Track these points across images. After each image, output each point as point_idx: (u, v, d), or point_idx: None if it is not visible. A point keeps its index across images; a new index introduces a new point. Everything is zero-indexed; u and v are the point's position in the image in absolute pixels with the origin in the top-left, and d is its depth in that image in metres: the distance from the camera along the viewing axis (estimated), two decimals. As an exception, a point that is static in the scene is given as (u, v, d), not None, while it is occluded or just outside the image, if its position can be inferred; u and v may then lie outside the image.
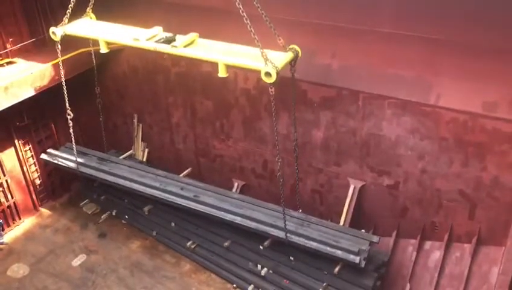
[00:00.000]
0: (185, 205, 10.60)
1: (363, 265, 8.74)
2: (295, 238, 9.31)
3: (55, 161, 12.24)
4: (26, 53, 11.49)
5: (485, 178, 8.84)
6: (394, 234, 10.19)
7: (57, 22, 10.71)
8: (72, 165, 11.91)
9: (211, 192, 10.77)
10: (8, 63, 11.20)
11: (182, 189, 10.88)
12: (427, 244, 9.93)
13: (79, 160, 11.76)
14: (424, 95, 8.90)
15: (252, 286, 10.25)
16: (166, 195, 10.86)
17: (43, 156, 12.41)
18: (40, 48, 11.67)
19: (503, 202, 8.80)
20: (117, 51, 10.03)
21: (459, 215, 9.42)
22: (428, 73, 8.86)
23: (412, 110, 9.09)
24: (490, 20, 8.08)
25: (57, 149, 12.54)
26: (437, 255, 9.73)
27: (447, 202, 9.43)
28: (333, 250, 8.96)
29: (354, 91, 9.52)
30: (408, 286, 9.64)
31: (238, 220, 9.96)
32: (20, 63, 11.18)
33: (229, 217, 10.07)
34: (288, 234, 9.31)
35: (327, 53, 9.57)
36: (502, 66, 8.14)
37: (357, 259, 8.70)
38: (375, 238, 9.26)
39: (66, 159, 12.12)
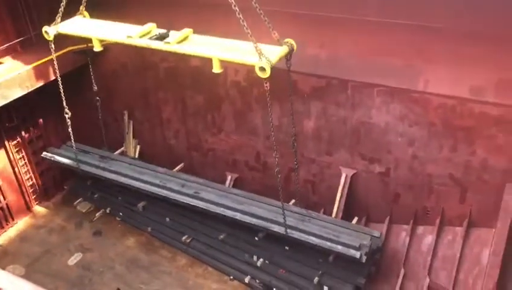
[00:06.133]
0: (186, 202, 10.66)
1: (364, 260, 8.83)
2: (296, 234, 9.38)
3: (56, 159, 12.22)
4: (13, 53, 11.40)
5: (475, 162, 8.99)
6: (387, 220, 10.33)
7: (42, 21, 10.67)
8: (73, 163, 11.90)
9: (210, 188, 10.84)
10: (-4, 63, 11.14)
11: (183, 186, 10.94)
12: (420, 229, 10.09)
13: (80, 158, 11.75)
14: (412, 81, 9.00)
15: (249, 277, 10.35)
16: (168, 192, 10.93)
17: (44, 154, 12.39)
18: (27, 47, 11.59)
19: (492, 185, 8.96)
20: (106, 49, 10.01)
21: (450, 199, 9.57)
22: (416, 60, 8.95)
23: (400, 97, 9.19)
24: (475, 6, 8.18)
25: (47, 149, 12.54)
26: (429, 239, 9.89)
27: (438, 187, 9.58)
28: (333, 245, 9.04)
29: (343, 80, 9.60)
30: (402, 270, 9.80)
31: (238, 216, 10.04)
32: (8, 63, 11.09)
33: (229, 213, 10.14)
34: (288, 230, 9.38)
35: (315, 43, 9.62)
36: (487, 51, 8.25)
37: (357, 254, 8.79)
38: (376, 233, 9.36)
39: (67, 157, 12.11)
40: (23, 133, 12.45)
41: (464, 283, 9.26)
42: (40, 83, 11.14)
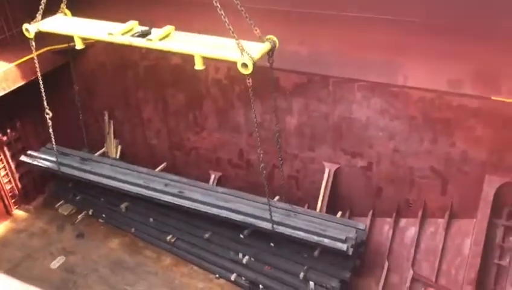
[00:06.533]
0: (170, 201, 10.60)
1: (350, 253, 8.91)
2: (282, 229, 9.40)
3: (36, 163, 12.02)
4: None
5: (454, 154, 9.14)
6: (370, 213, 10.44)
7: (17, 21, 10.50)
8: (53, 166, 11.72)
9: (195, 187, 10.79)
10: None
11: (166, 185, 10.87)
12: (403, 222, 10.22)
13: (60, 160, 11.58)
14: (392, 76, 9.10)
15: (235, 274, 10.35)
16: (152, 192, 10.83)
17: (23, 158, 12.17)
18: (2, 48, 11.34)
19: (472, 176, 9.12)
20: (86, 48, 9.89)
21: (431, 192, 9.71)
22: (395, 55, 9.05)
23: (381, 92, 9.29)
24: (452, 1, 8.31)
25: (27, 151, 12.32)
26: (412, 231, 10.03)
27: (420, 179, 9.71)
28: (320, 239, 9.09)
29: (324, 76, 9.65)
30: (386, 263, 9.92)
31: (224, 213, 10.02)
32: (-18, 65, 10.88)
33: (214, 211, 10.11)
34: (274, 225, 9.41)
35: (296, 40, 9.64)
36: (463, 45, 8.38)
37: (344, 247, 8.85)
38: (361, 225, 9.46)
39: (47, 160, 11.92)
40: (0, 135, 12.20)
41: (447, 274, 9.43)
42: (18, 84, 10.91)
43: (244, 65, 7.45)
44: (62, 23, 9.38)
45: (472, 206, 9.16)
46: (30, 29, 9.21)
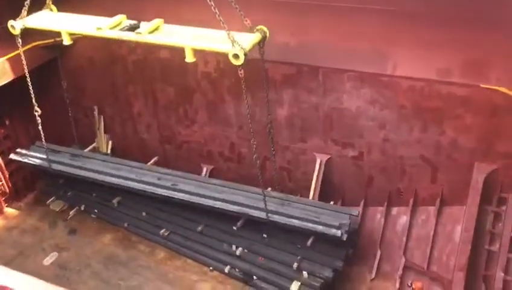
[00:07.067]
0: (164, 194, 10.58)
1: (344, 238, 8.98)
2: (277, 218, 9.45)
3: (26, 160, 11.92)
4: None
5: (444, 142, 9.22)
6: (362, 203, 10.51)
7: (2, 17, 10.32)
8: (43, 163, 11.63)
9: (188, 179, 10.79)
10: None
11: (159, 179, 10.85)
12: (394, 210, 10.31)
13: (51, 157, 11.49)
14: (381, 66, 9.14)
15: (229, 266, 10.37)
16: (144, 186, 10.80)
17: (13, 156, 12.07)
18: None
19: (461, 163, 9.21)
20: (73, 43, 9.81)
21: (422, 180, 9.80)
22: (384, 44, 9.08)
23: (370, 82, 9.32)
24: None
25: (17, 149, 12.22)
26: (404, 219, 10.13)
27: (410, 168, 9.79)
28: (315, 226, 9.14)
29: (314, 67, 9.66)
30: (379, 251, 10.01)
31: (218, 204, 10.02)
32: (-33, 62, 10.74)
33: (209, 202, 10.12)
34: (269, 214, 9.45)
35: (285, 31, 9.63)
36: (452, 33, 8.43)
37: (338, 233, 8.92)
38: (354, 212, 9.52)
39: (37, 157, 11.84)
40: (-11, 133, 12.12)
41: (438, 260, 9.54)
42: (5, 81, 10.81)
43: (236, 56, 7.44)
44: (48, 18, 9.28)
45: (462, 193, 9.26)
46: (16, 25, 9.08)
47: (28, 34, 9.59)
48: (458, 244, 9.06)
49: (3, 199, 12.67)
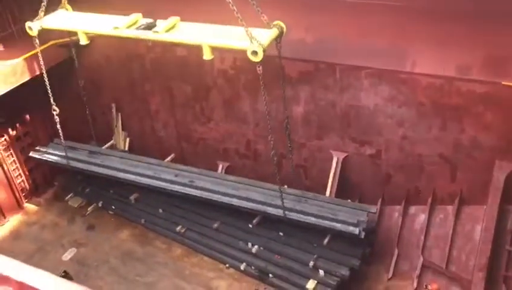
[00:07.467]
0: (181, 191, 10.65)
1: (362, 236, 8.90)
2: (293, 215, 9.42)
3: (45, 158, 12.10)
4: (-5, 49, 11.25)
5: (464, 140, 9.06)
6: (379, 201, 10.40)
7: (23, 15, 10.49)
8: (62, 161, 11.79)
9: (205, 176, 10.83)
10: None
11: (176, 176, 10.91)
12: (412, 209, 10.18)
13: (69, 155, 11.64)
14: (399, 62, 9.01)
15: (245, 264, 10.37)
16: (161, 183, 10.89)
17: (32, 154, 12.25)
18: (9, 43, 11.40)
19: (481, 162, 9.04)
20: (90, 41, 9.89)
21: (441, 178, 9.65)
22: (403, 40, 8.95)
23: (388, 79, 9.20)
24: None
25: (37, 145, 12.43)
26: (422, 218, 10.00)
27: (429, 166, 9.64)
28: (332, 223, 9.09)
29: (331, 64, 9.58)
30: (396, 250, 9.90)
31: (235, 201, 10.04)
32: (-10, 60, 10.93)
33: (226, 199, 10.14)
34: (286, 212, 9.41)
35: (301, 27, 9.56)
36: (471, 29, 8.28)
37: (356, 230, 8.85)
38: (372, 209, 9.44)
39: (56, 155, 12.01)
40: (10, 130, 12.30)
41: (458, 260, 9.39)
42: (25, 79, 10.98)
43: (254, 53, 7.38)
44: (65, 19, 9.34)
45: (482, 192, 9.09)
46: (33, 27, 9.16)
47: (46, 32, 9.68)
48: (478, 244, 8.90)
49: (23, 194, 12.89)
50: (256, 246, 10.25)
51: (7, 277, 2.90)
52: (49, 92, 10.12)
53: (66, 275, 9.93)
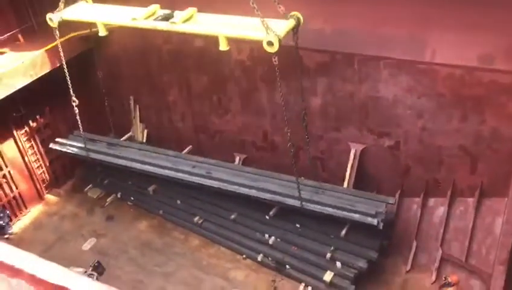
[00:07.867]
0: (199, 182, 10.72)
1: (381, 227, 8.86)
2: (311, 206, 9.40)
3: (65, 150, 12.29)
4: (14, 42, 11.38)
5: (485, 131, 8.89)
6: (398, 193, 10.28)
7: (43, 8, 10.58)
8: (81, 152, 11.96)
9: (222, 168, 10.88)
10: (-2, 53, 11.11)
11: (193, 167, 10.99)
12: (431, 201, 10.05)
13: (88, 146, 11.80)
14: (418, 52, 8.86)
15: (261, 255, 10.40)
16: (180, 174, 10.98)
17: (52, 145, 12.45)
18: (29, 35, 11.54)
19: (503, 153, 8.86)
20: (109, 33, 9.96)
21: (460, 170, 9.50)
22: (421, 29, 8.79)
23: (407, 69, 9.06)
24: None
25: (57, 137, 12.60)
26: (441, 211, 9.87)
27: (448, 158, 9.49)
28: (350, 214, 9.06)
29: (349, 54, 9.47)
30: (415, 243, 9.81)
31: (252, 192, 10.07)
32: (10, 53, 11.06)
33: (243, 190, 10.17)
34: (303, 203, 9.40)
35: (319, 18, 9.46)
36: (493, 16, 8.06)
37: (374, 221, 8.81)
38: (391, 200, 9.38)
39: (75, 146, 12.20)
40: (30, 122, 12.49)
41: (478, 253, 9.26)
42: (44, 71, 11.10)
43: (270, 43, 7.34)
44: (84, 10, 9.45)
45: (503, 184, 8.91)
46: (53, 18, 9.29)
47: (67, 24, 9.78)
48: (499, 237, 8.74)
49: (43, 185, 13.11)
50: (273, 238, 10.27)
51: (20, 269, 2.92)
52: (69, 82, 10.24)
53: (98, 265, 10.06)
